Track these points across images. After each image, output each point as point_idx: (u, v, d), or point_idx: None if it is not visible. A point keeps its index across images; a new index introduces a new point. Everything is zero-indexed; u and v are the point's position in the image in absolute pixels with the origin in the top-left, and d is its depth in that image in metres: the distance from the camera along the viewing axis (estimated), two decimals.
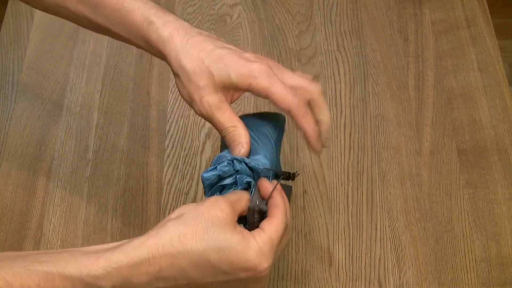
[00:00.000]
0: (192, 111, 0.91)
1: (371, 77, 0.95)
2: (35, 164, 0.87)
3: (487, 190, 0.85)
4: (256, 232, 0.52)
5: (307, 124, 0.58)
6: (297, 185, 0.85)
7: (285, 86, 0.56)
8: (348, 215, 0.83)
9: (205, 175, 0.55)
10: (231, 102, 0.59)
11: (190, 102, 0.58)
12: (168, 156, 0.88)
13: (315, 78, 0.94)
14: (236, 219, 0.52)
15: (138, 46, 0.62)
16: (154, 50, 0.59)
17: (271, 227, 0.52)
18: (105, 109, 0.92)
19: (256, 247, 0.50)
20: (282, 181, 0.83)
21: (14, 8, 1.01)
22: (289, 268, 0.79)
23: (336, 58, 0.96)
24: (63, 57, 0.96)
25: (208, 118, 0.57)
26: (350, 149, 0.88)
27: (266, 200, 0.56)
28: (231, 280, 0.50)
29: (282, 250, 0.55)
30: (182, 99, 0.92)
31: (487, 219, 0.83)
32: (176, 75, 0.58)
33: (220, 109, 0.56)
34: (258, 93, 0.56)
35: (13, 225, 0.83)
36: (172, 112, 0.92)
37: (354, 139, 0.89)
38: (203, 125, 0.90)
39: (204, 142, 0.89)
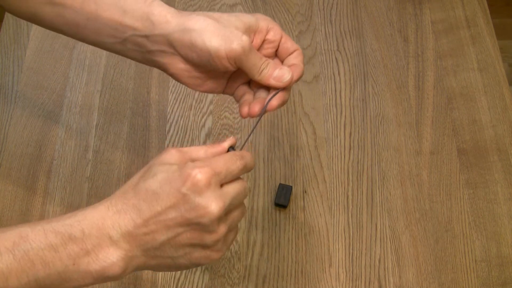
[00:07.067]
0: (192, 111, 0.91)
1: (371, 77, 0.95)
2: (35, 164, 0.87)
3: (487, 190, 0.85)
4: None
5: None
6: (297, 185, 0.85)
7: None
8: (348, 215, 0.83)
9: None
10: None
11: (224, 43, 0.57)
12: None
13: (315, 78, 0.94)
14: (184, 162, 0.54)
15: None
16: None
17: (215, 158, 0.54)
18: (105, 109, 0.92)
19: (192, 164, 0.52)
20: (283, 182, 0.84)
21: None
22: (289, 268, 0.79)
23: (336, 58, 0.97)
24: (63, 57, 0.96)
25: (244, 55, 0.57)
26: (350, 149, 0.88)
27: None
28: (179, 206, 0.51)
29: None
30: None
31: (487, 219, 0.83)
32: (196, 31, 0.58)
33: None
34: (274, 38, 0.61)
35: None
36: (172, 112, 0.92)
37: (354, 139, 0.89)
38: (203, 125, 0.90)
39: (204, 142, 0.89)
